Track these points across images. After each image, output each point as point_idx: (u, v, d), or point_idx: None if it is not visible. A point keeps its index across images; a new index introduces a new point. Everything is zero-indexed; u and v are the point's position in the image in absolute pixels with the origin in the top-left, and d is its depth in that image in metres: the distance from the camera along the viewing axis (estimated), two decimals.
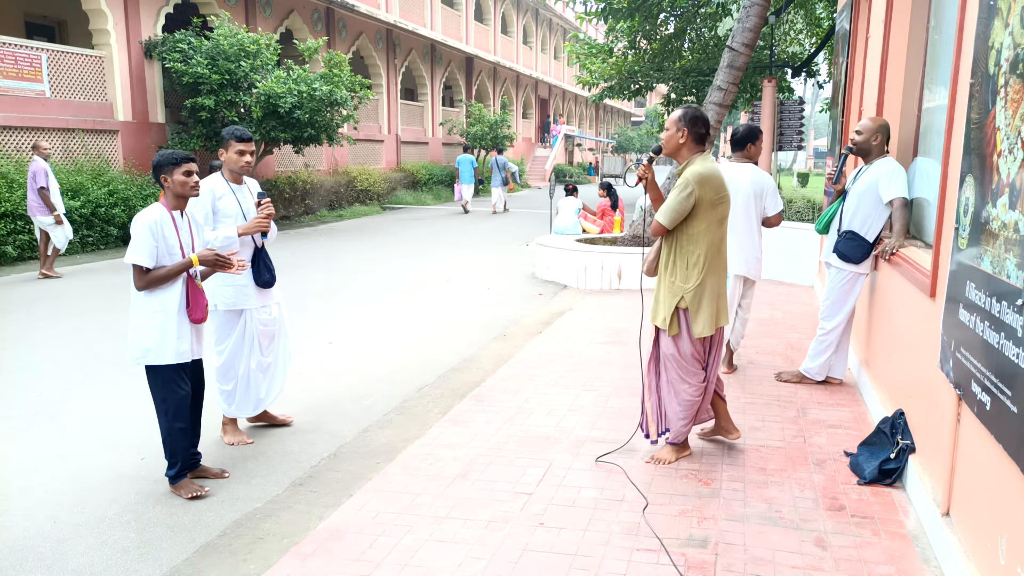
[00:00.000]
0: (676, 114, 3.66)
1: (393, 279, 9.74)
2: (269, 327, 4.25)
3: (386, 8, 22.15)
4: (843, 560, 2.92)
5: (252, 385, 4.22)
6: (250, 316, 4.16)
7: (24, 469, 3.89)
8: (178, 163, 3.47)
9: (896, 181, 4.45)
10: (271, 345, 4.29)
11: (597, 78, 18.03)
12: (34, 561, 3.02)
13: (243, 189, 4.12)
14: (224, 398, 4.23)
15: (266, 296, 4.21)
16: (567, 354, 5.98)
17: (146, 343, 3.45)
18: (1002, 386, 2.29)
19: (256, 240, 4.15)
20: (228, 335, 4.15)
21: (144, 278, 3.42)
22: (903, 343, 3.98)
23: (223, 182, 4.06)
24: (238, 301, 4.09)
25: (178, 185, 3.48)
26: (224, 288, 4.06)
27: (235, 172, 4.07)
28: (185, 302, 3.53)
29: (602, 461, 3.87)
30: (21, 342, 6.45)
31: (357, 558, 2.97)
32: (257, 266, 4.12)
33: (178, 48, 13.55)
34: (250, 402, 4.25)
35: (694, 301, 3.66)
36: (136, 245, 3.38)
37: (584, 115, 48.40)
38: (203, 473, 3.79)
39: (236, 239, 3.95)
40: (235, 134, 4.00)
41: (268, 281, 4.16)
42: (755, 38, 8.60)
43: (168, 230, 3.47)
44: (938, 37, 4.38)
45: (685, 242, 3.65)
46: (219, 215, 3.99)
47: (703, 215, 3.59)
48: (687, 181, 3.54)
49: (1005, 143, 2.36)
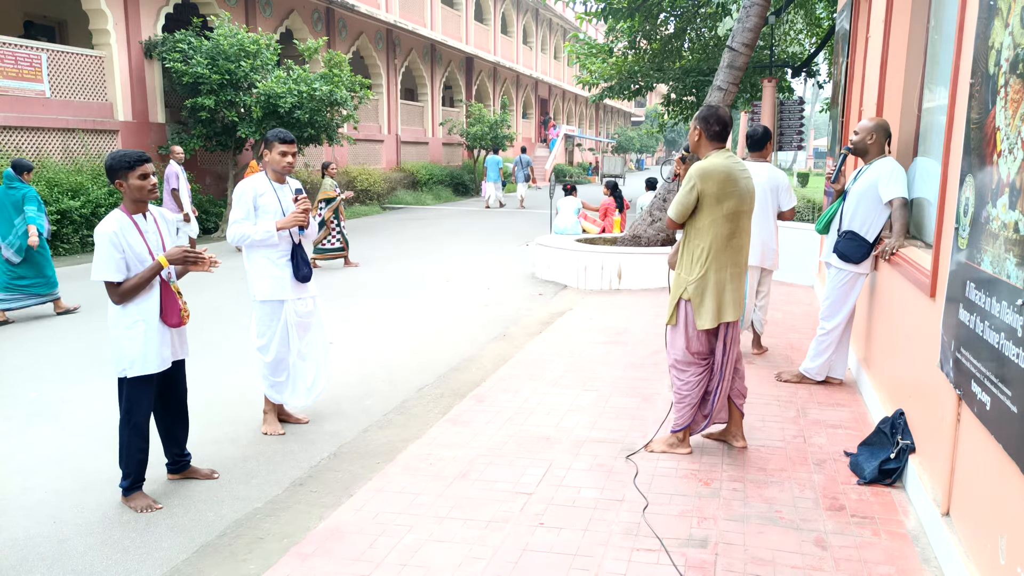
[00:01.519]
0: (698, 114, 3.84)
1: (393, 279, 9.74)
2: (304, 319, 4.38)
3: (386, 8, 22.15)
4: (843, 560, 2.92)
5: (300, 373, 4.37)
6: (288, 307, 4.29)
7: (24, 469, 3.89)
8: (132, 166, 3.29)
9: (896, 181, 4.44)
10: (306, 335, 4.41)
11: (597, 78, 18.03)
12: (34, 561, 3.02)
13: (284, 188, 4.29)
14: (275, 388, 4.36)
15: (302, 289, 4.34)
16: (567, 354, 5.98)
17: (130, 354, 3.36)
18: (1002, 386, 2.29)
19: (294, 236, 4.29)
20: (269, 326, 4.27)
21: (117, 292, 3.30)
22: (903, 343, 3.98)
23: (265, 180, 4.22)
24: (274, 292, 4.23)
25: (135, 189, 3.32)
26: (261, 279, 4.21)
27: (277, 172, 4.25)
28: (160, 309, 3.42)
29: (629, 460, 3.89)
30: (21, 342, 6.45)
31: (357, 558, 2.97)
32: (295, 261, 4.27)
33: (178, 48, 13.55)
34: (301, 389, 4.40)
35: (696, 293, 3.75)
36: (100, 261, 3.25)
37: (584, 115, 48.40)
38: (193, 474, 3.77)
39: (275, 233, 4.13)
40: (279, 136, 4.16)
41: (306, 275, 4.32)
42: (755, 38, 8.60)
43: (132, 237, 3.32)
44: (938, 37, 4.38)
45: (692, 236, 3.77)
46: (260, 211, 4.16)
47: (707, 209, 3.68)
48: (691, 176, 3.67)
49: (1005, 143, 2.36)
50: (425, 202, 22.10)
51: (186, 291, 4.04)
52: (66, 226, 11.20)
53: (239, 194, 4.16)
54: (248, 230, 4.10)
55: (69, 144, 12.52)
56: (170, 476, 3.77)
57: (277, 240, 4.17)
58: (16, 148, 11.66)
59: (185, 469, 3.78)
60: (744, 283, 3.84)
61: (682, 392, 3.90)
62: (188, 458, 3.80)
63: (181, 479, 3.76)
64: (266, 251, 4.20)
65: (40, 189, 10.93)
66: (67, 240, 11.28)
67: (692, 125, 3.83)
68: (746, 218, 3.79)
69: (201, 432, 4.33)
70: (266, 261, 4.21)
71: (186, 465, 3.78)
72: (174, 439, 3.73)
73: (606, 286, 8.89)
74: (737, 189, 3.69)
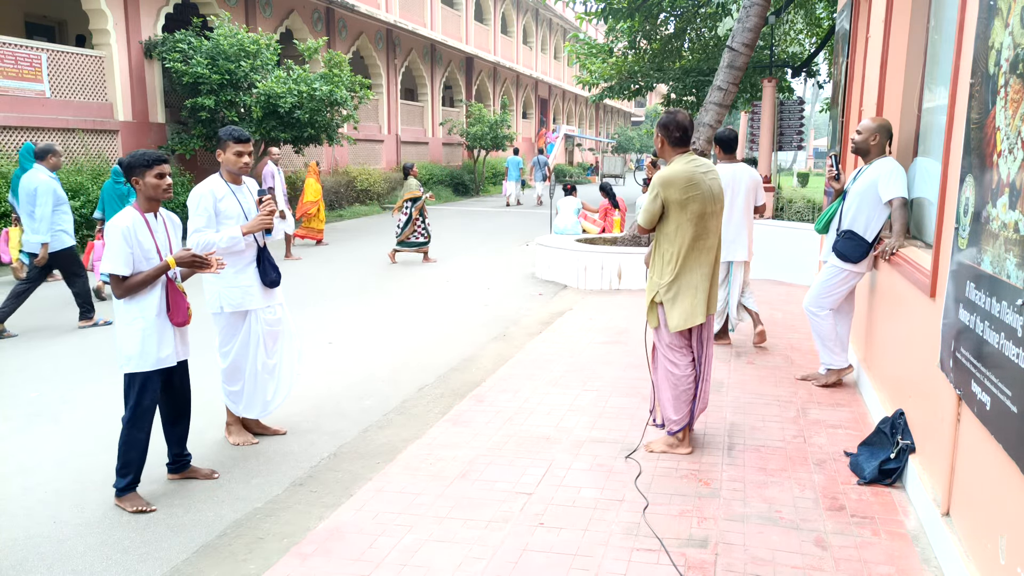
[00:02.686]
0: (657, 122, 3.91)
1: (393, 279, 9.75)
2: (274, 327, 4.21)
3: (386, 8, 22.15)
4: (843, 560, 2.92)
5: (259, 387, 4.18)
6: (255, 317, 4.11)
7: (24, 469, 3.89)
8: (150, 164, 3.39)
9: (895, 181, 4.45)
10: (275, 346, 4.25)
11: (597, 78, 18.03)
12: (35, 561, 3.02)
13: (242, 189, 4.08)
14: (232, 399, 4.21)
15: (271, 296, 4.17)
16: (567, 354, 5.98)
17: (128, 350, 3.40)
18: (1002, 386, 2.29)
19: (259, 239, 4.12)
20: (233, 336, 4.11)
21: (122, 286, 3.35)
22: (903, 343, 3.98)
23: (222, 183, 4.00)
24: (244, 302, 4.05)
25: (150, 188, 3.41)
26: (230, 289, 4.02)
27: (233, 173, 4.04)
28: (165, 306, 3.47)
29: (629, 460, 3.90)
30: (21, 342, 6.45)
31: (357, 558, 2.97)
32: (262, 265, 4.10)
33: (178, 48, 13.54)
34: (257, 403, 4.21)
35: (668, 296, 3.83)
36: (111, 253, 3.31)
37: (584, 115, 48.39)
38: (193, 474, 3.77)
39: (241, 239, 3.93)
40: (232, 135, 3.96)
41: (275, 280, 4.13)
42: (755, 38, 8.60)
43: (142, 234, 3.39)
44: (938, 37, 4.38)
45: (661, 240, 3.85)
46: (221, 216, 3.94)
47: (673, 215, 3.74)
48: (654, 184, 3.76)
49: (1005, 143, 2.36)
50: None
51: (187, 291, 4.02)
52: None
53: (196, 200, 3.89)
54: (212, 237, 3.84)
55: (69, 144, 12.52)
56: (170, 476, 3.76)
57: (243, 246, 3.98)
58: (16, 148, 11.65)
59: (185, 469, 3.78)
60: (715, 283, 3.91)
61: (682, 386, 3.90)
62: (188, 458, 3.80)
63: (181, 479, 3.76)
64: (231, 258, 3.93)
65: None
66: None
67: (655, 132, 3.88)
68: (713, 219, 3.81)
69: (201, 432, 4.33)
70: (232, 270, 3.96)
71: (186, 465, 3.78)
72: (176, 438, 3.73)
73: (606, 286, 8.89)
74: (700, 192, 3.71)
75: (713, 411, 4.60)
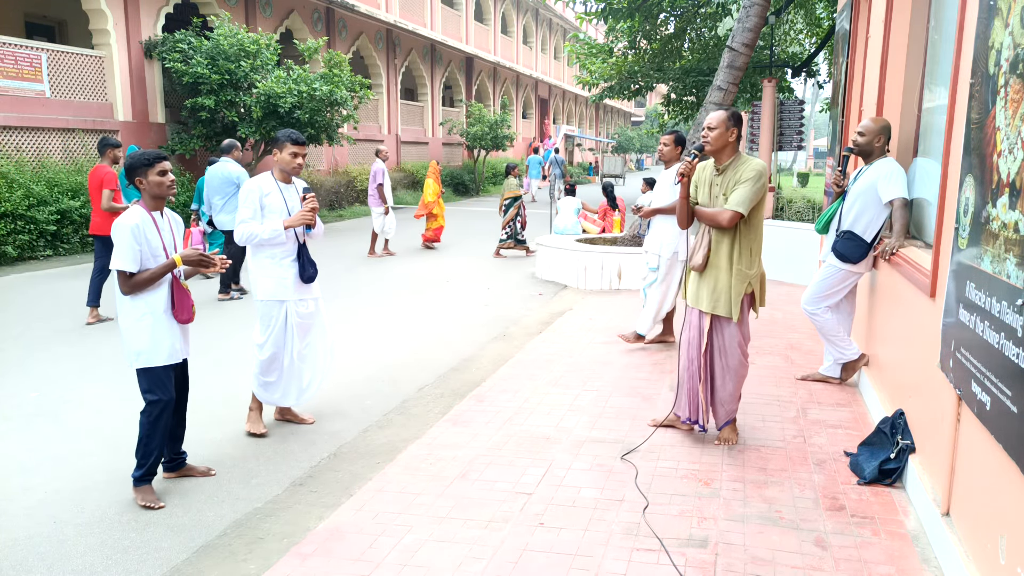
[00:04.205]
0: (723, 115, 3.87)
1: (393, 279, 9.75)
2: (306, 320, 4.37)
3: (386, 8, 22.15)
4: (843, 560, 2.92)
5: (295, 375, 4.37)
6: (290, 308, 4.28)
7: (24, 469, 3.89)
8: (151, 163, 3.44)
9: (896, 181, 4.45)
10: (307, 337, 4.41)
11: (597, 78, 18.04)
12: (34, 561, 3.02)
13: (290, 188, 4.30)
14: (265, 388, 4.34)
15: (305, 291, 4.34)
16: (567, 354, 5.98)
17: (138, 346, 3.45)
18: (1002, 386, 2.29)
19: (299, 235, 4.29)
20: (270, 325, 4.26)
21: (128, 283, 3.40)
22: (903, 343, 3.98)
23: (271, 180, 4.22)
24: (276, 292, 4.23)
25: (154, 186, 3.46)
26: (265, 279, 4.21)
27: (286, 172, 4.26)
28: (171, 303, 3.53)
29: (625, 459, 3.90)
30: (21, 341, 6.45)
31: (357, 558, 2.97)
32: (301, 261, 4.28)
33: (178, 48, 13.55)
34: (293, 391, 4.40)
35: (758, 285, 3.94)
36: (119, 250, 3.36)
37: (584, 115, 48.39)
38: (190, 472, 3.79)
39: (282, 232, 4.14)
40: (291, 137, 4.17)
41: (311, 276, 4.32)
42: (755, 38, 8.61)
43: (150, 232, 3.45)
44: (938, 37, 4.38)
45: (747, 231, 3.87)
46: (265, 211, 4.16)
47: (761, 205, 3.86)
48: (760, 173, 3.79)
49: (1005, 143, 2.36)
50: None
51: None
52: (66, 226, 11.19)
53: (245, 194, 4.17)
54: (255, 229, 4.11)
55: (69, 144, 12.52)
56: (166, 475, 3.77)
57: (284, 239, 4.18)
58: (16, 148, 11.65)
59: (182, 467, 3.79)
60: None
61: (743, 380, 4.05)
62: (184, 456, 3.82)
63: (177, 477, 3.77)
64: (271, 250, 4.19)
65: (40, 189, 10.94)
66: (67, 240, 11.27)
67: (723, 124, 3.84)
68: None
69: (201, 432, 4.34)
70: (270, 261, 4.21)
71: (182, 463, 3.80)
72: (174, 436, 3.74)
73: (606, 286, 8.89)
74: None
75: None
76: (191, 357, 3.81)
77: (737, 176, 3.84)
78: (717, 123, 3.86)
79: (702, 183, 4.03)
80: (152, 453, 3.49)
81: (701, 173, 4.04)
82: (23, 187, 10.66)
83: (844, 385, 5.12)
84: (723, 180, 3.90)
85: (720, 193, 3.91)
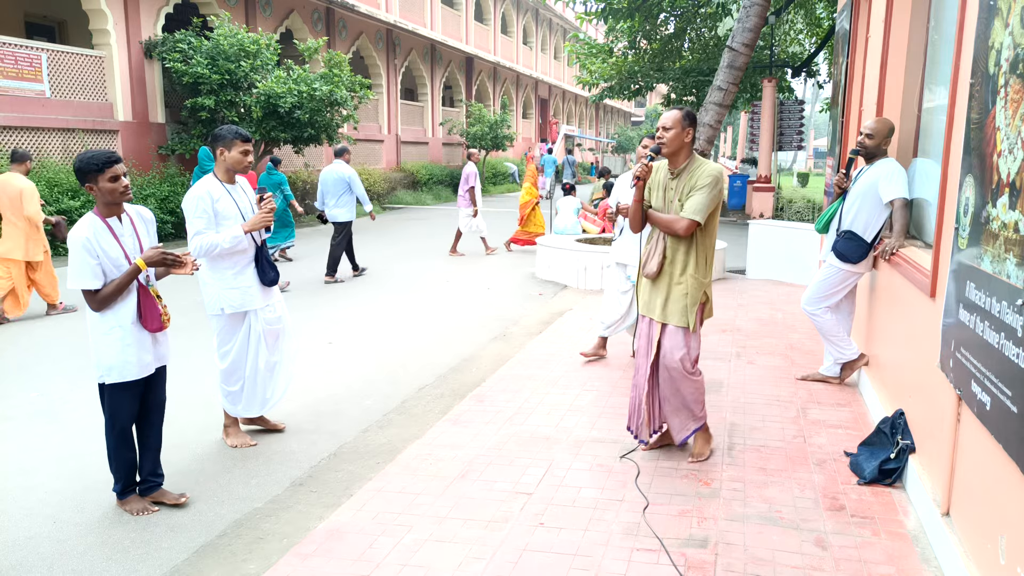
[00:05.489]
0: (676, 114, 3.64)
1: (393, 279, 9.74)
2: (274, 325, 4.21)
3: (386, 8, 22.15)
4: (843, 560, 2.92)
5: (259, 385, 4.19)
6: (255, 316, 4.10)
7: (24, 469, 3.89)
8: (102, 168, 3.13)
9: (896, 181, 4.45)
10: (277, 343, 4.25)
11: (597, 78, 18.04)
12: (34, 561, 3.02)
13: (236, 188, 4.06)
14: (230, 399, 4.18)
15: (268, 295, 4.17)
16: (567, 354, 5.98)
17: (108, 360, 3.24)
18: (1002, 386, 2.29)
19: (257, 238, 4.09)
20: (232, 336, 4.10)
21: (95, 299, 3.18)
22: (903, 343, 3.98)
23: (218, 184, 3.95)
24: (244, 303, 4.03)
25: (106, 192, 3.18)
26: (230, 291, 3.99)
27: (234, 172, 4.01)
28: (138, 313, 3.29)
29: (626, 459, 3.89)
30: (21, 342, 6.45)
31: (357, 558, 2.97)
32: (261, 265, 4.08)
33: (178, 48, 13.55)
34: (256, 402, 4.21)
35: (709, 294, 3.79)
36: (75, 268, 3.13)
37: (584, 115, 48.39)
38: (161, 497, 3.47)
39: (243, 237, 3.93)
40: (240, 134, 3.92)
41: (273, 279, 4.12)
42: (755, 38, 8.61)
43: (106, 242, 3.19)
44: (938, 37, 4.38)
45: (703, 238, 3.70)
46: (219, 217, 3.91)
47: (717, 212, 3.70)
48: (716, 179, 3.61)
49: (1005, 143, 2.36)
50: (425, 202, 22.10)
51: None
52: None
53: (194, 202, 3.83)
54: (215, 239, 3.81)
55: (69, 144, 12.52)
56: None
57: (246, 244, 3.97)
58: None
59: (155, 491, 3.49)
60: None
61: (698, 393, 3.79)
62: (160, 479, 3.53)
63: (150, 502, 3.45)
64: (232, 259, 3.95)
65: (40, 189, 10.94)
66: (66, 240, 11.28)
67: (678, 125, 3.60)
68: None
69: (200, 432, 4.34)
70: (232, 271, 3.96)
71: (157, 486, 3.50)
72: (148, 449, 3.48)
73: (606, 286, 8.88)
74: None
75: (713, 411, 4.60)
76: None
77: (693, 181, 3.62)
78: (672, 123, 3.62)
79: (656, 186, 3.80)
80: (124, 465, 3.35)
81: (655, 175, 3.81)
82: None
83: (844, 385, 5.13)
84: (678, 184, 3.68)
85: (675, 198, 3.68)
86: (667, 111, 3.71)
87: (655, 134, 3.71)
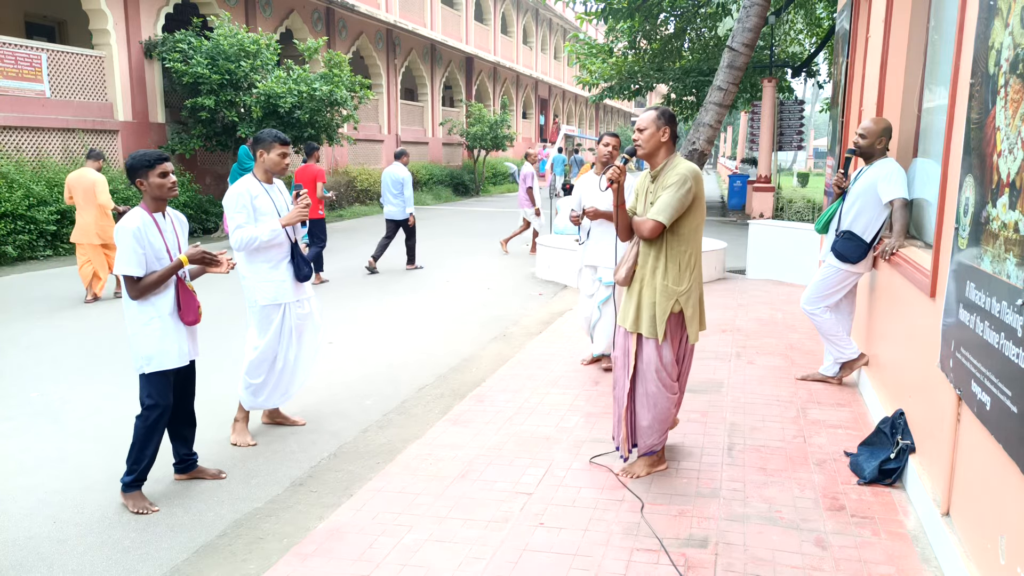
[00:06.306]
0: (651, 114, 3.48)
1: (393, 279, 9.75)
2: (303, 321, 4.37)
3: (386, 8, 22.15)
4: (843, 560, 2.92)
5: (284, 378, 4.34)
6: (289, 310, 4.26)
7: (24, 469, 3.89)
8: (152, 165, 3.39)
9: (896, 181, 4.45)
10: (302, 338, 4.40)
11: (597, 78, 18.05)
12: (34, 561, 3.02)
13: (274, 188, 4.27)
14: (251, 392, 4.28)
15: (301, 291, 4.33)
16: (567, 354, 5.98)
17: (147, 350, 3.42)
18: (1002, 386, 2.29)
19: (291, 235, 4.27)
20: (267, 328, 4.24)
21: (136, 287, 3.37)
22: (903, 343, 3.98)
23: (256, 183, 4.16)
24: (278, 296, 4.20)
25: (155, 188, 3.42)
26: (264, 284, 4.17)
27: (274, 173, 4.23)
28: (177, 305, 3.50)
29: (595, 462, 3.87)
30: (21, 342, 6.45)
31: (357, 558, 2.97)
32: (295, 261, 4.26)
33: (178, 48, 13.55)
34: (278, 394, 4.37)
35: (688, 304, 3.49)
36: (124, 255, 3.33)
37: (584, 115, 48.39)
38: (200, 474, 3.78)
39: (281, 231, 4.13)
40: (280, 138, 4.13)
41: (306, 275, 4.31)
42: (755, 38, 8.61)
43: (152, 235, 3.41)
44: (938, 37, 4.38)
45: (675, 243, 3.46)
46: (257, 213, 4.12)
47: (695, 213, 3.45)
48: (685, 177, 3.37)
49: (1005, 143, 2.36)
50: (425, 202, 22.10)
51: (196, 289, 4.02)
52: (66, 226, 11.19)
53: (235, 198, 4.06)
54: (255, 232, 4.04)
55: (69, 144, 12.52)
56: (177, 476, 3.77)
57: (282, 239, 4.17)
58: (16, 148, 11.66)
59: (193, 469, 3.78)
60: None
61: (669, 411, 3.61)
62: (195, 457, 3.81)
63: (188, 479, 3.76)
64: (268, 253, 4.15)
65: (40, 189, 10.96)
66: (67, 240, 11.27)
67: (653, 124, 3.44)
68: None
69: (201, 432, 4.32)
70: (268, 266, 4.16)
71: (193, 464, 3.79)
72: (182, 438, 3.74)
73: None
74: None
75: (713, 411, 4.60)
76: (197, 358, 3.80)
77: (664, 181, 3.44)
78: (647, 123, 3.45)
79: (641, 191, 3.60)
80: (145, 459, 3.45)
81: (642, 182, 3.61)
82: (23, 187, 10.66)
83: (844, 385, 5.13)
84: (655, 187, 3.48)
85: (650, 201, 3.48)
86: (644, 112, 3.53)
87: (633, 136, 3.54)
